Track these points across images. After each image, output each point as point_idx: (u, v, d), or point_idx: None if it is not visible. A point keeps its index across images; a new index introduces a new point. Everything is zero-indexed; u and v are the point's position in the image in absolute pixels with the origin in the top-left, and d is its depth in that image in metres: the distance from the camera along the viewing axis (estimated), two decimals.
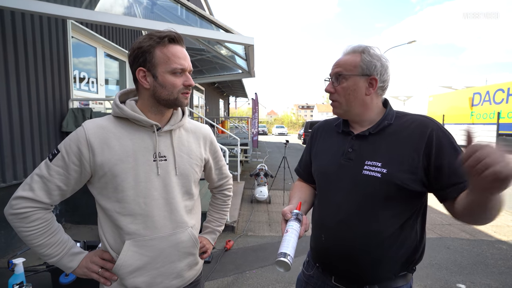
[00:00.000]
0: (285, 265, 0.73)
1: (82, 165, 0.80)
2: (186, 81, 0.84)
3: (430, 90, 20.96)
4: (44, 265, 1.90)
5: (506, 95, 12.48)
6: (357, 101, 0.90)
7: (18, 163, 2.89)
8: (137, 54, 0.82)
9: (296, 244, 0.78)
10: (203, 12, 3.46)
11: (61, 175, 0.80)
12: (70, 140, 0.81)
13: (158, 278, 0.87)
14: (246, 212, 4.41)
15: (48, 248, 0.82)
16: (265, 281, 2.54)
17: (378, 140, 0.88)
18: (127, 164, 0.81)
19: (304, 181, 1.14)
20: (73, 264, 0.85)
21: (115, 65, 5.28)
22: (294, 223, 0.83)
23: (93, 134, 0.80)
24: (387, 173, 0.82)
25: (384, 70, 0.89)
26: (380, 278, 0.87)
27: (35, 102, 3.09)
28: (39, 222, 0.80)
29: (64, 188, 0.81)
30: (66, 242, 0.86)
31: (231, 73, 7.55)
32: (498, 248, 3.27)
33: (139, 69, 0.83)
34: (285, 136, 31.15)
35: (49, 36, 3.28)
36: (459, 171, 0.77)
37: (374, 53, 0.89)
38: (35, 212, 0.79)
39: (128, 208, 0.82)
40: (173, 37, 0.82)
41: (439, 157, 0.79)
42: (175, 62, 0.81)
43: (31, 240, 0.80)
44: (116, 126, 0.84)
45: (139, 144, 0.84)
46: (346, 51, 0.94)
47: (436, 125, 0.84)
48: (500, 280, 2.59)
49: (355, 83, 0.89)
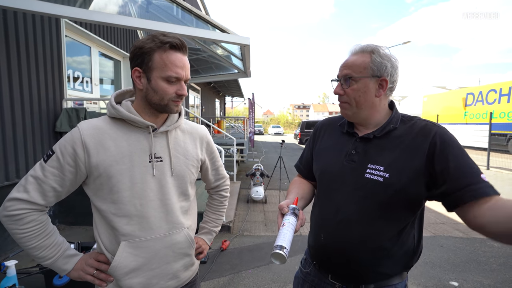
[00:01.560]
0: (281, 257, 0.73)
1: (77, 166, 0.80)
2: (179, 90, 0.83)
3: (424, 90, 21.20)
4: (37, 267, 1.88)
5: (498, 96, 12.69)
6: (367, 103, 0.88)
7: (10, 163, 2.85)
8: (136, 54, 0.81)
9: (292, 238, 0.78)
10: (199, 12, 3.45)
11: (56, 176, 0.79)
12: (65, 141, 0.80)
13: (153, 279, 0.87)
14: (242, 212, 4.41)
15: (43, 251, 0.81)
16: (261, 281, 2.54)
17: (382, 144, 0.87)
18: (122, 165, 0.81)
19: (303, 177, 1.13)
20: (67, 266, 0.84)
21: (110, 64, 5.23)
22: (291, 217, 0.83)
23: (88, 135, 0.80)
24: (389, 177, 0.81)
25: (394, 71, 0.87)
26: (376, 278, 0.88)
27: (28, 102, 3.04)
28: (33, 224, 0.79)
29: (59, 190, 0.81)
30: (61, 244, 0.85)
31: (227, 73, 7.54)
32: (490, 246, 3.32)
33: (135, 69, 0.83)
34: (281, 136, 31.19)
35: (42, 35, 3.24)
36: (470, 172, 0.74)
37: (384, 53, 0.86)
38: (29, 214, 0.78)
39: (124, 209, 0.82)
40: (175, 44, 0.80)
41: (443, 161, 0.77)
42: (171, 69, 0.80)
43: (25, 242, 0.79)
44: (111, 127, 0.84)
45: (134, 145, 0.83)
46: (354, 51, 0.91)
47: (440, 129, 0.83)
48: (492, 277, 2.64)
49: (365, 85, 0.87)
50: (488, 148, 9.09)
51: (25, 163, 3.00)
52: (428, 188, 0.80)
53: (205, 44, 4.99)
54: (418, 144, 0.82)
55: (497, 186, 6.20)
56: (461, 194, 0.74)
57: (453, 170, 0.75)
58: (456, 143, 0.80)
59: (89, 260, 0.86)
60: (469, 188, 0.73)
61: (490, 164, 8.81)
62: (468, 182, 0.73)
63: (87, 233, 3.32)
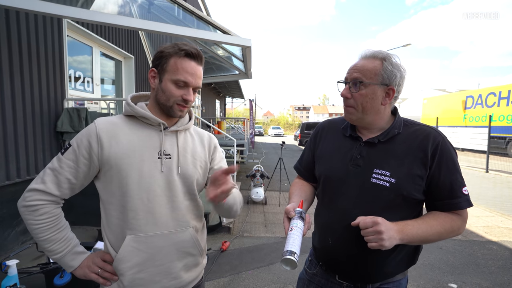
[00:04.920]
0: (292, 263, 0.73)
1: (91, 159, 0.84)
2: (185, 95, 0.87)
3: (424, 92, 21.23)
4: (38, 267, 1.88)
5: (497, 99, 12.72)
6: (373, 109, 0.89)
7: (11, 163, 2.85)
8: (157, 56, 0.88)
9: (301, 243, 0.79)
10: (200, 13, 3.46)
11: (71, 168, 0.83)
12: (82, 135, 0.86)
13: (157, 276, 0.88)
14: (242, 213, 4.41)
15: (53, 244, 0.84)
16: (261, 281, 2.55)
17: (387, 149, 0.89)
18: (132, 159, 0.84)
19: (304, 179, 1.14)
20: (74, 263, 0.86)
21: (111, 64, 5.24)
22: (298, 221, 0.83)
23: (102, 128, 0.85)
24: (395, 183, 0.84)
25: (402, 81, 0.89)
26: (383, 277, 0.92)
27: (29, 101, 3.05)
28: (47, 216, 0.83)
29: (73, 181, 0.85)
30: (71, 240, 0.88)
31: (227, 74, 7.55)
32: (489, 248, 3.33)
33: (151, 69, 0.89)
34: (281, 137, 31.20)
35: (44, 35, 3.25)
36: (454, 188, 0.84)
37: (395, 63, 0.87)
38: (45, 205, 0.82)
39: (131, 202, 0.84)
40: (190, 52, 0.86)
41: (436, 172, 0.84)
42: (181, 74, 0.85)
43: (38, 234, 0.82)
44: (125, 123, 0.89)
45: (145, 140, 0.87)
46: (364, 55, 0.91)
47: (443, 138, 0.87)
48: (490, 279, 2.65)
49: (373, 92, 0.87)
50: (488, 151, 9.12)
51: (26, 162, 3.01)
52: (424, 191, 0.87)
53: (206, 45, 5.00)
54: (423, 152, 0.85)
55: (496, 189, 6.19)
56: (441, 204, 0.87)
57: (442, 183, 0.85)
58: (451, 156, 0.86)
59: (96, 259, 0.88)
60: (448, 202, 0.85)
61: (489, 167, 8.82)
62: (449, 196, 0.85)
63: (87, 233, 3.31)
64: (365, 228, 0.77)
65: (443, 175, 0.84)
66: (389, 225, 0.77)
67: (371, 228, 0.76)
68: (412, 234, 0.80)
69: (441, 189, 0.85)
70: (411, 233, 0.80)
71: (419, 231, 0.81)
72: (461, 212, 0.87)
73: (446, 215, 0.85)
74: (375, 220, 0.76)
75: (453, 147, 0.89)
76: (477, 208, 4.96)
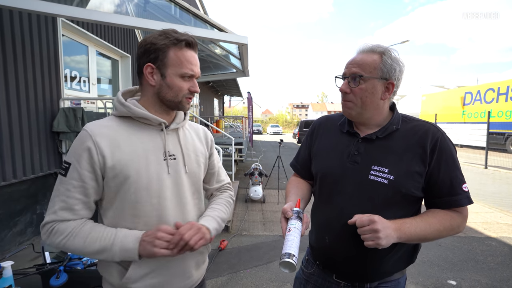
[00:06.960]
0: (291, 266, 0.71)
1: (95, 171, 0.77)
2: (192, 87, 0.84)
3: (423, 89, 21.23)
4: (34, 268, 1.86)
5: (496, 95, 12.74)
6: (372, 104, 0.87)
7: (7, 164, 2.82)
8: (149, 49, 0.79)
9: (299, 243, 0.77)
10: (197, 11, 3.43)
11: (78, 187, 0.76)
12: (77, 148, 0.77)
13: (172, 278, 0.87)
14: (240, 212, 4.40)
15: (94, 243, 0.75)
16: (259, 280, 2.54)
17: (385, 145, 0.88)
18: (138, 164, 0.79)
19: (300, 176, 1.12)
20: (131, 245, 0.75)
21: (107, 63, 5.20)
22: (296, 221, 0.81)
23: (98, 135, 0.77)
24: (394, 180, 0.83)
25: (401, 75, 0.87)
26: (381, 276, 0.90)
27: (25, 101, 3.02)
28: (64, 227, 0.75)
29: (85, 200, 0.77)
30: (111, 230, 0.78)
31: (225, 72, 7.53)
32: (488, 244, 3.34)
33: (147, 64, 0.80)
34: (280, 135, 31.21)
35: (39, 34, 3.21)
36: (454, 184, 0.83)
37: (394, 57, 0.86)
38: (56, 224, 0.76)
39: (142, 209, 0.79)
40: (190, 42, 0.82)
41: (435, 168, 0.83)
42: (187, 67, 0.81)
43: (69, 247, 0.75)
44: (120, 126, 0.81)
45: (148, 143, 0.82)
46: (363, 49, 0.88)
47: (442, 135, 0.85)
48: (489, 276, 2.65)
49: (373, 86, 0.85)
50: (486, 147, 9.12)
51: (22, 163, 2.98)
52: (423, 188, 0.85)
53: (203, 44, 4.97)
54: (422, 148, 0.84)
55: (495, 185, 6.20)
56: (440, 201, 0.85)
57: (441, 180, 0.83)
58: (451, 152, 0.84)
59: (158, 233, 0.77)
60: (447, 199, 0.84)
61: (488, 163, 8.83)
62: (448, 193, 0.83)
63: None
64: (362, 226, 0.76)
65: (442, 172, 0.82)
66: (386, 224, 0.76)
67: (368, 227, 0.75)
68: (410, 233, 0.78)
69: (441, 186, 0.83)
70: (409, 232, 0.78)
71: (417, 229, 0.79)
72: (461, 210, 0.85)
73: (445, 213, 0.84)
74: (372, 218, 0.75)
75: (453, 143, 0.87)
76: (476, 204, 4.96)
